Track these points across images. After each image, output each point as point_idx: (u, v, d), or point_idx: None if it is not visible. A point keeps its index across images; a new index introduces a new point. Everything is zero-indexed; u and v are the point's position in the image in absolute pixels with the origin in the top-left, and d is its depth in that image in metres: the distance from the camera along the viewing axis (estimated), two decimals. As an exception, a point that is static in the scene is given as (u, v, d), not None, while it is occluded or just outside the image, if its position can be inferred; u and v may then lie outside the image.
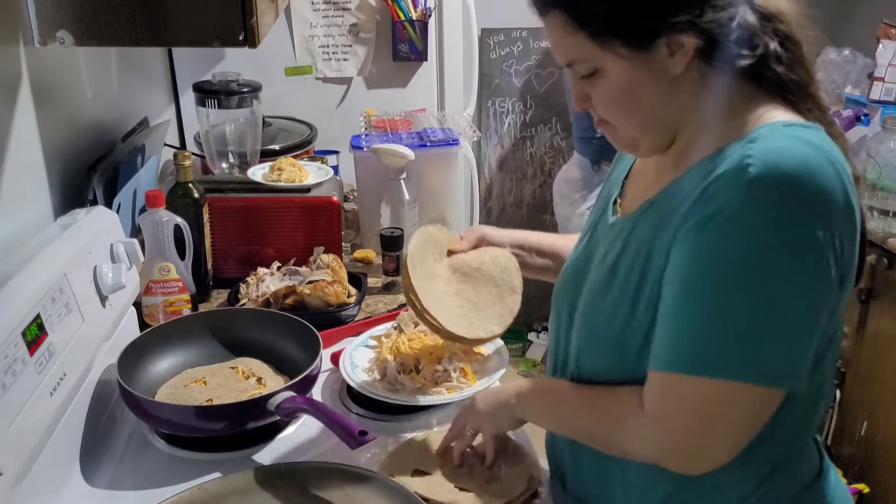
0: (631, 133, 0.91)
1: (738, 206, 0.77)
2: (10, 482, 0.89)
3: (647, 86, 0.86)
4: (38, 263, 1.05)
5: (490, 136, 3.41)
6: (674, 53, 0.83)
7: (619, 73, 0.86)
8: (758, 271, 0.77)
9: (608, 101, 0.89)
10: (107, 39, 1.14)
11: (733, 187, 0.78)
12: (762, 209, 0.77)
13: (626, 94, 0.87)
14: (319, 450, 1.10)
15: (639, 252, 0.88)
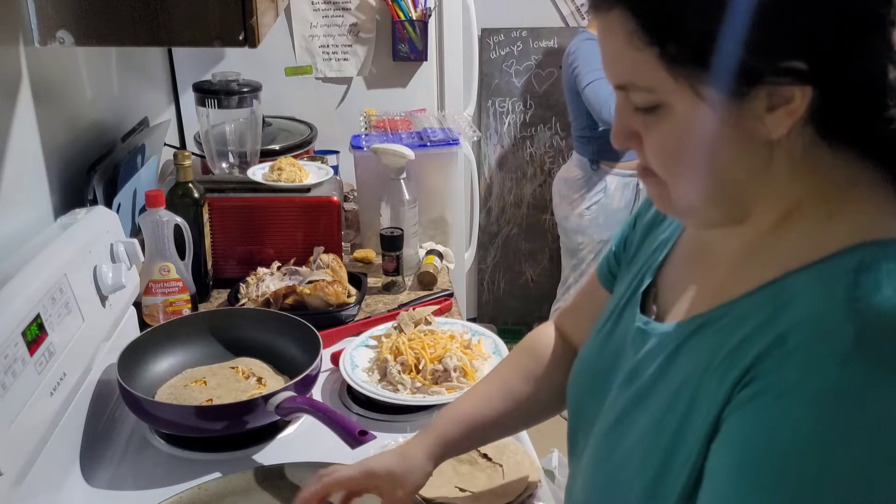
0: (688, 198, 0.67)
1: (826, 385, 0.54)
2: (10, 482, 0.89)
3: (726, 144, 0.62)
4: (38, 263, 1.05)
5: (490, 136, 3.41)
6: (775, 108, 0.59)
7: (690, 118, 0.61)
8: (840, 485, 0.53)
9: (666, 150, 0.65)
10: (107, 39, 1.14)
11: (822, 354, 0.54)
12: (864, 398, 0.53)
13: (693, 148, 0.63)
14: (319, 450, 1.09)
15: (680, 393, 0.66)
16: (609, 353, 0.80)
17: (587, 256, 2.94)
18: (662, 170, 0.67)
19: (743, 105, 0.59)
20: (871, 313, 0.54)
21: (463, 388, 1.23)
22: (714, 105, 0.60)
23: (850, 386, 0.53)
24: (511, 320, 3.64)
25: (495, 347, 1.34)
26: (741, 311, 0.63)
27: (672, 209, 0.70)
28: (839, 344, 0.54)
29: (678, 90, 0.61)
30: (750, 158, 0.62)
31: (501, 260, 3.59)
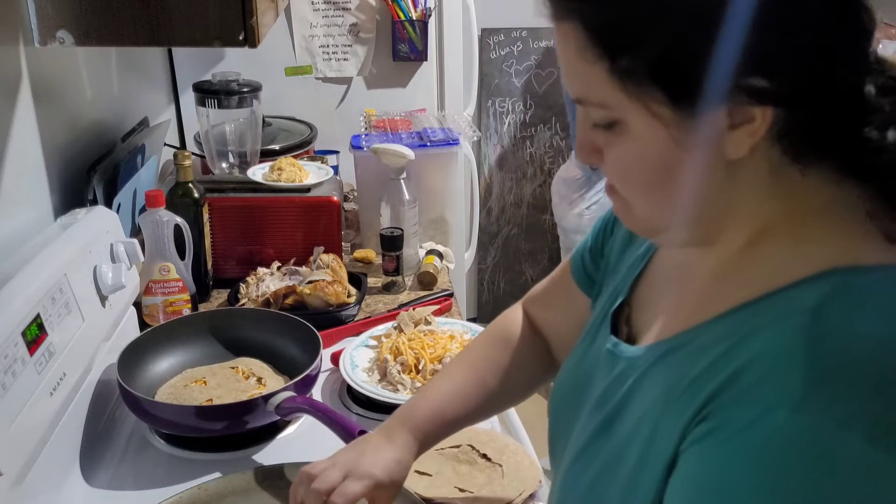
0: (651, 219, 0.65)
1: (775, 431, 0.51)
2: (10, 482, 0.89)
3: (686, 165, 0.58)
4: (38, 263, 1.05)
5: (490, 136, 3.41)
6: (736, 128, 0.56)
7: (647, 137, 0.58)
8: None
9: (625, 170, 0.62)
10: (107, 39, 1.14)
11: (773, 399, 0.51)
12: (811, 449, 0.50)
13: (652, 168, 0.60)
14: (319, 450, 1.09)
15: (640, 425, 0.63)
16: (582, 372, 0.77)
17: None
18: (623, 189, 0.64)
19: (701, 124, 0.56)
20: (824, 360, 0.51)
21: (463, 388, 1.23)
22: (671, 124, 0.57)
23: (798, 435, 0.50)
24: (511, 320, 3.64)
25: (495, 347, 1.34)
26: (704, 340, 0.60)
27: (638, 228, 0.67)
28: (790, 391, 0.51)
29: (632, 108, 0.57)
30: (712, 179, 0.59)
31: (501, 260, 3.59)
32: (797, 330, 0.53)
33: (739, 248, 0.62)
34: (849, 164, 0.58)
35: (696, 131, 0.56)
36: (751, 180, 0.59)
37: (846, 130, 0.57)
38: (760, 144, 0.57)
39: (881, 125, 0.56)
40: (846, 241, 0.58)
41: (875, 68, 0.57)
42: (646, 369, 0.65)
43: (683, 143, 0.57)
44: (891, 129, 0.56)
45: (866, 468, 0.49)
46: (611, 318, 0.76)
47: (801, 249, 0.58)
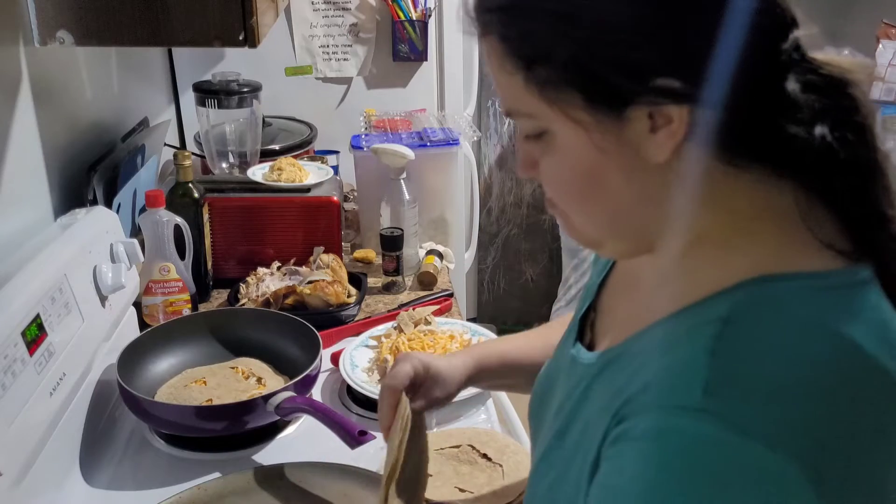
0: (587, 231, 0.64)
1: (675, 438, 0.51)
2: (10, 482, 0.89)
3: (611, 171, 0.58)
4: (38, 263, 1.05)
5: (490, 136, 3.41)
6: (657, 130, 0.56)
7: (572, 144, 0.58)
8: None
9: (555, 180, 0.62)
10: (107, 39, 1.14)
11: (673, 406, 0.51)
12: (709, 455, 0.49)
13: (580, 176, 0.60)
14: (319, 450, 1.09)
15: (585, 434, 0.62)
16: (550, 377, 0.78)
17: (588, 256, 2.94)
18: (558, 200, 0.63)
19: (622, 129, 0.56)
20: (725, 368, 0.51)
21: (463, 388, 1.23)
22: (592, 129, 0.57)
23: (696, 441, 0.49)
24: (511, 320, 3.64)
25: (495, 347, 1.34)
26: (633, 351, 0.60)
27: (580, 240, 0.66)
28: (690, 398, 0.50)
29: (554, 116, 0.58)
30: (639, 185, 0.58)
31: (501, 260, 3.59)
32: (703, 339, 0.53)
33: (677, 255, 0.61)
34: (784, 166, 0.57)
35: (616, 135, 0.57)
36: (681, 185, 0.58)
37: (770, 129, 0.56)
38: (686, 147, 0.56)
39: (808, 122, 0.55)
40: (774, 248, 0.57)
41: (801, 65, 0.56)
42: (593, 377, 0.66)
43: (605, 148, 0.57)
44: (817, 126, 0.55)
45: (764, 475, 0.48)
46: (578, 324, 0.76)
47: (728, 258, 0.58)
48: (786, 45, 0.55)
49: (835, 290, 0.54)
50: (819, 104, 0.56)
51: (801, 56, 0.56)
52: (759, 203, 0.58)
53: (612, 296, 0.75)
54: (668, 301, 0.60)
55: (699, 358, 0.52)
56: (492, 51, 0.60)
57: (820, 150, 0.56)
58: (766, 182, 0.58)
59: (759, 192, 0.58)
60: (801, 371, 0.50)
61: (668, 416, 0.51)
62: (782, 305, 0.53)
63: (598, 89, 0.55)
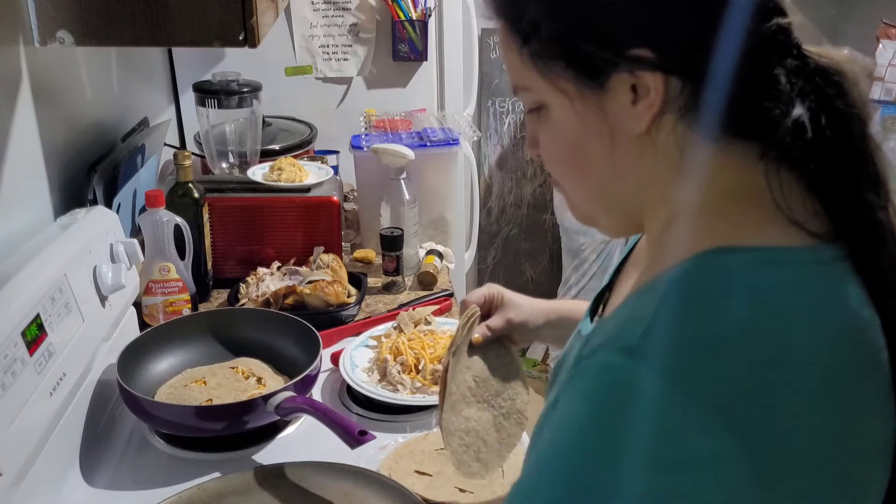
0: (582, 205, 0.69)
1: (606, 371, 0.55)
2: (9, 482, 0.89)
3: (594, 141, 0.62)
4: (38, 263, 1.05)
5: (490, 136, 3.41)
6: (638, 101, 0.59)
7: (562, 115, 0.63)
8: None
9: (549, 152, 0.67)
10: (107, 39, 1.14)
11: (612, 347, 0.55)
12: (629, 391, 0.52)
13: (568, 147, 0.64)
14: (319, 450, 1.09)
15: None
16: (565, 353, 0.81)
17: (589, 257, 2.94)
18: (553, 173, 0.68)
19: (604, 99, 0.60)
20: (661, 321, 0.53)
21: (463, 388, 1.23)
22: (575, 98, 0.61)
23: (617, 372, 0.53)
24: (511, 320, 3.64)
25: (495, 347, 1.34)
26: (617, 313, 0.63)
27: (578, 216, 0.70)
28: (629, 339, 0.53)
29: (546, 87, 0.63)
30: (621, 156, 0.62)
31: (501, 260, 3.59)
32: (652, 298, 0.55)
33: (659, 233, 0.64)
34: (764, 143, 0.59)
35: (598, 104, 0.60)
36: (659, 158, 0.61)
37: (750, 108, 0.58)
38: (665, 120, 0.59)
39: (786, 103, 0.57)
40: (737, 223, 0.58)
41: (787, 51, 0.58)
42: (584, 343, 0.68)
43: (588, 117, 0.61)
44: (796, 107, 0.57)
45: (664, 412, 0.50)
46: (594, 303, 0.81)
47: (693, 234, 0.59)
48: (767, 27, 0.57)
49: (785, 265, 0.55)
50: (800, 86, 0.58)
51: (786, 42, 0.58)
52: (735, 180, 0.60)
53: (623, 276, 0.79)
54: (643, 277, 0.63)
55: (646, 313, 0.55)
56: (501, 33, 0.66)
57: (795, 131, 0.57)
58: (745, 160, 0.59)
59: (736, 169, 0.60)
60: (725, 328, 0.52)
61: (607, 353, 0.55)
62: (725, 274, 0.55)
63: (579, 59, 0.60)
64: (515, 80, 0.66)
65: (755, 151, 0.59)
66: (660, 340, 0.53)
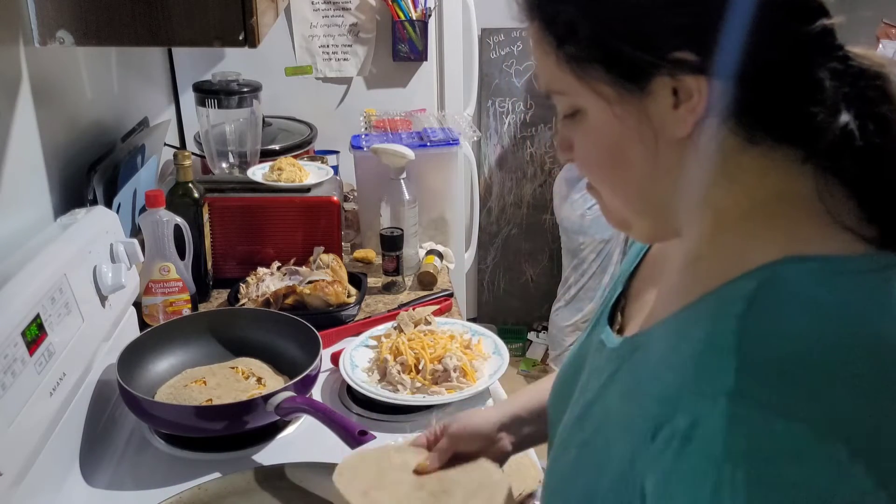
0: (617, 209, 0.67)
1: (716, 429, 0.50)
2: (10, 482, 0.89)
3: (633, 145, 0.60)
4: (38, 263, 1.05)
5: (490, 136, 3.41)
6: (680, 104, 0.57)
7: (600, 119, 0.61)
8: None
9: (586, 156, 0.65)
10: (107, 39, 1.14)
11: (708, 393, 0.51)
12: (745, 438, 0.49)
13: (606, 151, 0.62)
14: (319, 450, 1.09)
15: (608, 420, 0.63)
16: (576, 361, 0.78)
17: (588, 256, 2.94)
18: (589, 177, 0.67)
19: (645, 102, 0.58)
20: (752, 347, 0.51)
21: (462, 388, 1.23)
22: (615, 103, 0.59)
23: (738, 425, 0.49)
24: (511, 320, 3.64)
25: (495, 347, 1.34)
26: (659, 338, 0.60)
27: (613, 221, 0.68)
28: (722, 383, 0.50)
29: (583, 91, 0.61)
30: (661, 160, 0.60)
31: (501, 260, 3.59)
32: (729, 320, 0.53)
33: (701, 238, 0.62)
34: (808, 149, 0.58)
35: (638, 108, 0.59)
36: (701, 162, 0.59)
37: (795, 112, 0.57)
38: (707, 124, 0.58)
39: (831, 107, 0.56)
40: (795, 231, 0.57)
41: (830, 53, 0.57)
42: (619, 365, 0.66)
43: (627, 121, 0.59)
44: (842, 113, 0.56)
45: (799, 451, 0.48)
46: (609, 310, 0.77)
47: (749, 241, 0.58)
48: (812, 29, 0.56)
49: (857, 275, 0.54)
50: (844, 91, 0.56)
51: (831, 44, 0.57)
52: (780, 185, 0.59)
53: (641, 282, 0.76)
54: (692, 285, 0.60)
55: (727, 338, 0.52)
56: (534, 35, 0.64)
57: (842, 137, 0.56)
58: (789, 165, 0.58)
59: (780, 174, 0.59)
60: (830, 355, 0.50)
61: (706, 403, 0.51)
62: (799, 288, 0.53)
63: (618, 63, 0.58)
64: (549, 84, 0.65)
65: (798, 156, 0.58)
66: (764, 376, 0.50)
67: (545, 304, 3.42)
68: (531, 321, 3.63)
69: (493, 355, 1.32)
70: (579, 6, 0.60)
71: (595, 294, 2.99)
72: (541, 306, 3.55)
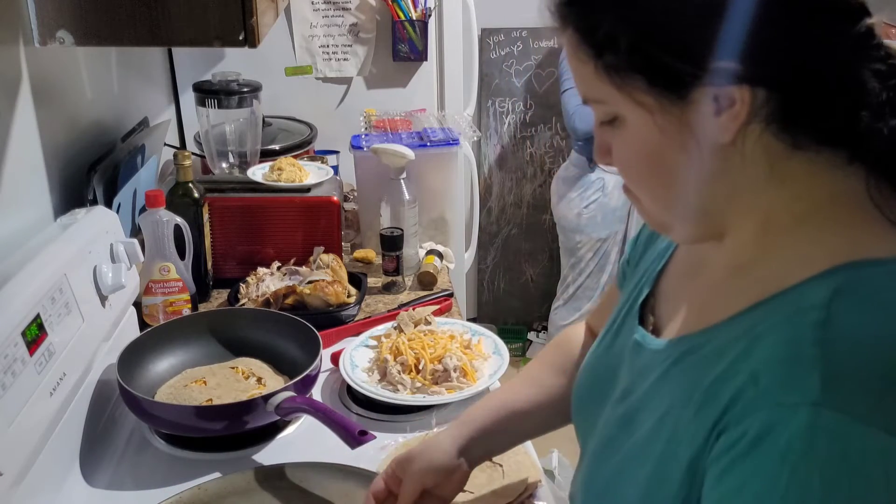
0: (657, 214, 0.67)
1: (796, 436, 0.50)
2: (10, 482, 0.89)
3: (675, 152, 0.61)
4: (38, 263, 1.05)
5: (490, 136, 3.41)
6: (722, 111, 0.57)
7: (640, 127, 0.61)
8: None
9: (626, 163, 0.65)
10: (107, 39, 1.14)
11: (790, 402, 0.51)
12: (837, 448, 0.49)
13: (648, 159, 0.63)
14: (319, 450, 1.09)
15: (663, 423, 0.63)
16: (609, 362, 0.78)
17: (585, 255, 2.94)
18: (629, 183, 0.67)
19: (686, 111, 0.58)
20: (836, 357, 0.51)
21: (463, 389, 1.23)
22: (655, 111, 0.60)
23: (822, 436, 0.49)
24: (511, 320, 3.64)
25: (495, 347, 1.34)
26: (721, 341, 0.60)
27: (652, 224, 0.69)
28: (807, 392, 0.50)
29: (622, 100, 0.61)
30: (704, 167, 0.60)
31: (501, 260, 3.59)
32: (808, 328, 0.53)
33: (749, 241, 0.63)
34: (855, 152, 0.58)
35: (679, 117, 0.59)
36: (746, 168, 0.60)
37: (840, 115, 0.57)
38: (751, 130, 0.58)
39: (877, 110, 0.56)
40: (855, 235, 0.57)
41: (876, 55, 0.57)
42: (669, 366, 0.66)
43: (669, 130, 0.60)
44: (887, 116, 0.56)
45: (881, 458, 0.49)
46: (638, 310, 0.76)
47: (811, 244, 0.58)
48: (856, 31, 0.56)
49: None
50: (890, 94, 0.56)
51: (872, 44, 0.57)
52: (831, 187, 0.59)
53: (675, 281, 0.76)
54: (751, 289, 0.60)
55: (806, 348, 0.52)
56: (569, 43, 0.64)
57: (890, 140, 0.56)
58: (835, 167, 0.59)
59: (829, 177, 0.59)
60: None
61: (788, 414, 0.51)
62: (879, 291, 0.53)
63: (659, 73, 0.58)
64: (587, 92, 0.65)
65: (844, 157, 0.58)
66: (848, 384, 0.50)
67: (545, 303, 3.42)
68: (531, 321, 3.63)
69: (493, 355, 1.32)
70: (619, 17, 0.59)
71: (593, 293, 2.99)
72: (541, 306, 3.55)
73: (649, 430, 0.64)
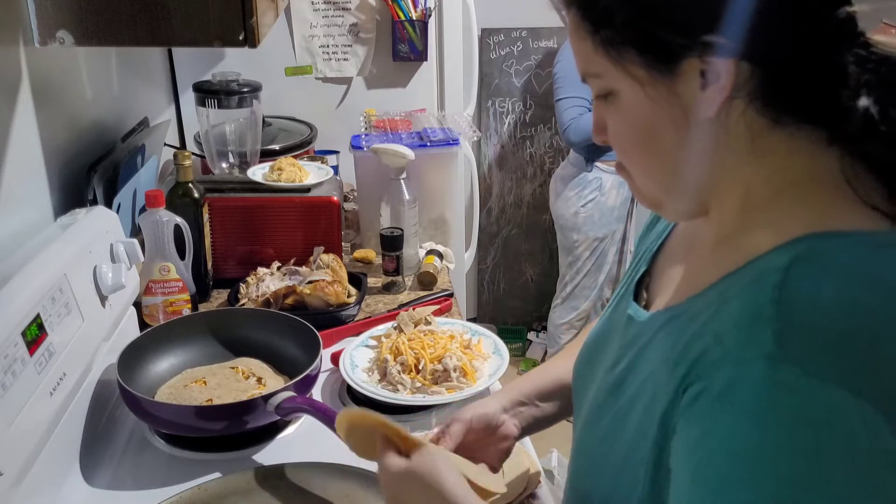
0: (649, 189, 0.70)
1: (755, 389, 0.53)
2: (10, 482, 0.89)
3: (665, 125, 0.64)
4: (38, 263, 1.05)
5: (490, 136, 3.41)
6: (708, 85, 0.60)
7: (632, 100, 0.65)
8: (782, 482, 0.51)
9: (619, 136, 0.68)
10: (107, 39, 1.14)
11: (749, 357, 0.53)
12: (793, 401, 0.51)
13: (638, 132, 0.66)
14: (319, 450, 1.09)
15: (644, 387, 0.67)
16: (604, 335, 0.82)
17: (583, 254, 2.95)
18: (622, 158, 0.70)
19: (675, 83, 0.62)
20: (792, 315, 0.53)
21: (463, 389, 1.23)
22: (647, 83, 0.63)
23: (778, 389, 0.52)
24: (511, 320, 3.64)
25: (495, 347, 1.34)
26: (696, 308, 0.63)
27: (645, 201, 0.72)
28: (762, 346, 0.53)
29: (617, 73, 0.64)
30: (691, 141, 0.63)
31: (501, 260, 3.59)
32: (767, 288, 0.55)
33: (731, 214, 0.66)
34: (834, 133, 0.61)
35: (669, 89, 0.62)
36: (730, 142, 0.63)
37: (820, 94, 0.60)
38: (735, 104, 0.61)
39: (854, 91, 0.59)
40: (824, 208, 0.60)
41: (854, 39, 0.60)
42: (652, 335, 0.69)
43: (659, 102, 0.63)
44: (862, 97, 0.59)
45: (846, 416, 0.51)
46: (634, 287, 0.80)
47: (785, 217, 0.61)
48: (837, 15, 0.59)
49: (887, 248, 0.57)
50: (866, 76, 0.59)
51: (854, 31, 0.60)
52: (809, 164, 0.62)
53: (668, 259, 0.79)
54: (728, 258, 0.63)
55: (764, 307, 0.55)
56: (572, 21, 0.67)
57: (865, 121, 0.59)
58: (814, 145, 0.62)
59: (808, 154, 0.62)
60: (863, 320, 0.53)
61: (747, 368, 0.53)
62: (835, 260, 0.56)
63: (651, 45, 0.62)
64: (585, 67, 0.68)
65: (823, 137, 0.61)
66: (801, 340, 0.53)
67: (545, 304, 3.42)
68: (531, 321, 3.63)
69: (493, 355, 1.32)
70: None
71: (591, 293, 2.99)
72: (540, 306, 3.55)
73: (633, 393, 0.68)
